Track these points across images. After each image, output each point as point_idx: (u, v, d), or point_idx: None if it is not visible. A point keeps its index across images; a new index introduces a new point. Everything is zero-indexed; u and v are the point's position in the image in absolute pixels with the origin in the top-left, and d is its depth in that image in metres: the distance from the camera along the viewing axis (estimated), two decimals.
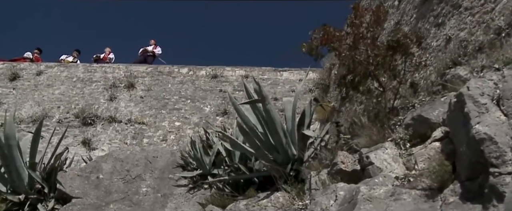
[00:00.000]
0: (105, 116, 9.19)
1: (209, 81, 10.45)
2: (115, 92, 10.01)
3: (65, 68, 11.26)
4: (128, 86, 10.19)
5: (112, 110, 9.43)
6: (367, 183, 3.35)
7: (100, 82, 10.53)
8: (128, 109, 9.53)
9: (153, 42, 13.23)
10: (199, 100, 9.75)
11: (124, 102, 9.74)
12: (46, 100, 10.05)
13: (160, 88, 10.21)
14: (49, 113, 9.54)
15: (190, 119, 9.18)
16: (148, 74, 10.73)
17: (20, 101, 10.16)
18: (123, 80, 10.41)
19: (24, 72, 11.28)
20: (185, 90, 10.11)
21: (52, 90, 10.38)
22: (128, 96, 9.94)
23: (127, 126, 9.00)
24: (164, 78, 10.58)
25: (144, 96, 9.90)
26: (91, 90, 10.27)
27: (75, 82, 10.63)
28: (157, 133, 8.79)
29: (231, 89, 10.14)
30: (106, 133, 8.87)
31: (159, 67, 10.99)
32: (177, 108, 9.54)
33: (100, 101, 9.85)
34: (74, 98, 10.02)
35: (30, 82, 10.84)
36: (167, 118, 9.21)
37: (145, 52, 12.82)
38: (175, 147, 8.26)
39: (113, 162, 6.52)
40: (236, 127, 6.95)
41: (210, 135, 7.15)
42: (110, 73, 10.85)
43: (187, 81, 10.46)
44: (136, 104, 9.67)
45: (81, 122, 9.08)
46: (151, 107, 9.59)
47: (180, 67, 10.99)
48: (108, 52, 13.22)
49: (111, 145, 8.56)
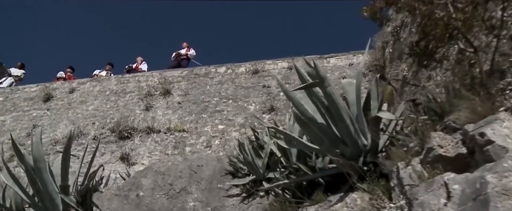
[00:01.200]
0: (142, 127, 8.59)
1: (250, 77, 9.68)
2: (150, 101, 9.41)
3: (97, 83, 10.81)
4: (163, 93, 9.58)
5: (149, 120, 8.83)
6: (493, 170, 2.41)
7: (134, 93, 9.98)
8: (166, 117, 8.90)
9: (186, 44, 12.67)
10: (241, 99, 8.98)
11: (161, 110, 9.12)
12: (80, 117, 9.59)
13: (198, 91, 9.53)
14: (84, 130, 9.06)
15: (234, 120, 8.42)
16: (183, 78, 10.08)
17: (54, 122, 9.76)
18: (158, 88, 9.81)
19: (57, 92, 10.93)
20: (225, 90, 9.38)
21: (86, 107, 9.92)
22: (165, 103, 9.32)
23: (166, 136, 8.35)
24: (201, 80, 9.90)
25: (182, 102, 9.25)
26: (126, 102, 9.73)
27: (108, 96, 10.13)
28: (200, 140, 8.09)
29: (275, 83, 9.31)
30: (145, 145, 8.25)
31: (194, 70, 10.34)
32: (218, 110, 8.81)
33: (135, 112, 9.28)
34: (108, 113, 9.50)
35: (64, 101, 10.46)
36: (209, 122, 8.50)
37: (178, 56, 12.27)
38: (221, 153, 7.52)
39: (154, 176, 5.83)
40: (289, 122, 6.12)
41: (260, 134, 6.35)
42: (143, 82, 10.30)
43: (226, 80, 9.73)
44: (174, 111, 9.02)
45: (117, 136, 8.52)
46: (191, 112, 8.91)
47: (217, 66, 10.30)
48: (140, 61, 12.77)
49: (152, 157, 7.93)
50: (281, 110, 8.48)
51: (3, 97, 11.59)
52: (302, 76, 4.52)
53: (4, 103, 11.27)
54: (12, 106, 11.05)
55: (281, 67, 9.88)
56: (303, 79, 4.50)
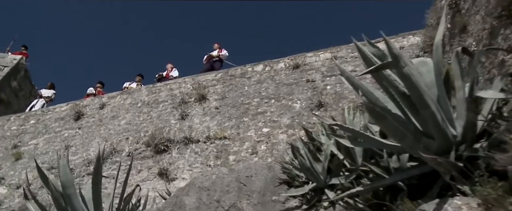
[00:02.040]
0: (179, 138, 7.97)
1: (291, 73, 8.91)
2: (185, 109, 8.79)
3: (128, 95, 10.30)
4: (199, 99, 8.94)
5: (185, 129, 8.19)
6: None
7: (167, 102, 9.38)
8: (204, 124, 8.23)
9: (217, 46, 12.05)
10: (285, 98, 8.22)
11: (198, 118, 8.47)
12: (113, 133, 9.07)
13: (236, 93, 8.83)
14: (118, 146, 8.51)
15: (279, 121, 7.67)
16: (218, 81, 9.41)
17: (87, 141, 9.28)
18: (192, 94, 9.18)
19: (87, 109, 10.51)
20: (266, 90, 8.64)
21: (118, 122, 9.40)
22: (201, 110, 8.66)
23: (206, 145, 7.68)
24: (238, 81, 9.20)
25: (219, 107, 8.57)
26: (159, 112, 9.14)
27: (140, 108, 9.58)
28: (243, 146, 7.37)
29: (319, 77, 8.50)
30: (184, 157, 7.61)
31: (229, 71, 9.66)
32: (260, 111, 8.08)
33: (170, 122, 8.66)
34: (141, 126, 8.94)
35: (95, 118, 9.99)
36: (251, 126, 7.77)
37: (210, 59, 11.65)
38: (270, 159, 6.77)
39: (197, 193, 5.14)
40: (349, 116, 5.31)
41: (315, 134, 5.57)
42: (176, 89, 9.70)
43: (266, 79, 8.99)
44: (212, 118, 8.35)
45: (153, 150, 7.92)
46: (230, 116, 8.21)
47: (254, 65, 9.58)
48: (170, 68, 12.25)
49: (192, 170, 7.27)
50: (331, 105, 7.67)
51: (35, 120, 11.29)
52: (367, 58, 3.71)
53: (36, 126, 10.95)
54: (44, 127, 10.70)
55: (324, 58, 9.06)
56: (369, 62, 3.70)
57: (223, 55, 11.68)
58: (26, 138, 10.68)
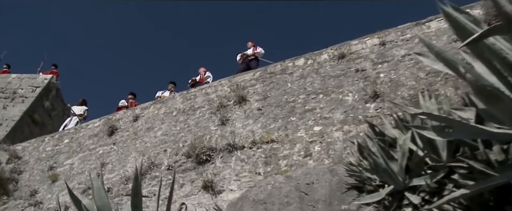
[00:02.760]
0: (221, 146, 7.36)
1: (336, 64, 8.18)
2: (225, 113, 8.18)
3: (161, 104, 9.79)
4: (238, 101, 8.32)
5: (228, 135, 7.57)
6: None
7: (204, 108, 8.81)
8: (247, 128, 7.59)
9: (251, 44, 11.45)
10: (334, 91, 7.49)
11: (240, 122, 7.84)
12: (150, 146, 8.55)
13: (279, 91, 8.16)
14: (156, 160, 7.98)
15: (331, 118, 6.94)
16: (258, 81, 8.77)
17: (123, 157, 8.81)
18: (231, 97, 8.57)
19: (120, 123, 10.06)
20: (311, 84, 7.94)
21: (153, 134, 8.89)
22: (243, 113, 8.03)
23: (253, 151, 7.03)
24: (279, 78, 8.53)
25: (262, 108, 7.92)
26: (196, 119, 8.56)
27: (176, 116, 9.04)
28: (294, 149, 6.68)
29: (369, 65, 7.73)
30: (229, 166, 6.98)
31: (268, 68, 9.01)
32: (309, 109, 7.38)
33: (210, 129, 8.07)
34: (179, 135, 8.38)
35: (129, 132, 9.52)
36: (301, 126, 7.08)
37: (245, 58, 11.02)
38: (327, 161, 6.06)
39: (252, 208, 4.51)
40: (425, 103, 4.57)
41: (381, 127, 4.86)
42: (212, 93, 9.11)
43: (309, 73, 8.29)
44: (256, 120, 7.70)
45: (195, 161, 7.33)
46: (275, 117, 7.54)
47: (294, 59, 8.90)
48: (203, 72, 11.72)
49: (240, 180, 6.63)
50: (388, 94, 6.89)
51: (69, 139, 10.95)
52: (461, 25, 2.95)
53: (70, 145, 10.60)
54: (78, 146, 10.33)
55: (371, 45, 8.28)
56: (463, 29, 2.94)
57: (259, 53, 11.06)
58: (61, 158, 10.33)
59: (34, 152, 11.35)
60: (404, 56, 7.67)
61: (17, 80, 16.52)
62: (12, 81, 16.40)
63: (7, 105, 15.12)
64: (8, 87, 16.07)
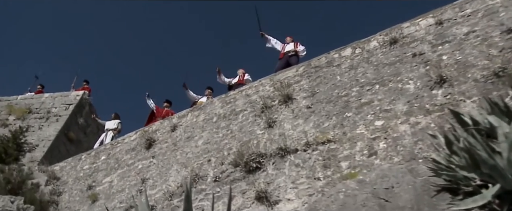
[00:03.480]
0: (272, 151, 6.73)
1: (389, 50, 7.45)
2: (270, 114, 7.56)
3: (199, 111, 9.26)
4: (284, 100, 7.69)
5: (277, 139, 6.95)
6: None
7: (246, 111, 8.21)
8: (297, 129, 6.95)
9: (290, 39, 10.79)
10: (391, 80, 6.78)
11: (289, 122, 7.20)
12: (192, 157, 8.02)
13: (328, 86, 7.49)
14: (200, 172, 7.42)
15: (393, 110, 6.22)
16: (302, 76, 8.12)
17: (164, 170, 8.30)
18: (275, 96, 7.96)
19: (158, 134, 9.58)
20: (363, 75, 7.24)
21: (194, 143, 8.35)
22: (290, 113, 7.39)
23: (308, 154, 6.37)
24: (326, 72, 7.85)
25: (311, 105, 7.26)
26: (240, 124, 7.98)
27: (216, 123, 8.47)
28: (356, 148, 5.99)
29: (428, 48, 6.97)
30: (283, 173, 6.33)
31: (312, 62, 8.35)
32: (365, 102, 6.68)
33: (256, 133, 7.46)
34: (223, 143, 7.81)
35: (168, 143, 9.03)
36: (359, 121, 6.38)
37: (285, 54, 10.37)
38: (396, 158, 5.33)
39: None
40: None
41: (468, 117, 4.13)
42: (254, 94, 8.51)
43: (359, 62, 7.59)
44: (306, 120, 7.04)
45: (244, 170, 6.73)
46: (328, 114, 6.86)
47: (340, 50, 8.20)
48: (242, 74, 11.11)
49: (298, 188, 5.97)
50: (456, 78, 6.12)
51: (106, 155, 10.56)
52: None
53: (108, 162, 10.20)
54: (116, 162, 9.91)
55: (425, 25, 7.50)
56: None
57: (299, 49, 10.41)
58: (99, 176, 9.94)
59: (72, 171, 11.03)
60: (468, 34, 6.86)
61: (50, 99, 16.39)
62: (45, 101, 16.28)
63: (42, 125, 14.95)
64: (42, 107, 15.95)
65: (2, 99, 16.75)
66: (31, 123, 15.13)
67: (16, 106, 16.12)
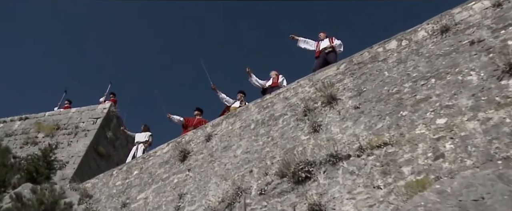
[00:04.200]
0: (321, 158, 6.22)
1: (441, 40, 6.86)
2: (314, 118, 7.06)
3: (234, 118, 8.81)
4: (328, 101, 7.18)
5: (325, 144, 6.44)
6: None
7: (286, 115, 7.72)
8: (347, 132, 6.41)
9: (323, 34, 10.23)
10: (449, 72, 6.19)
11: (336, 125, 6.68)
12: (231, 168, 7.57)
13: (375, 83, 6.94)
14: (242, 184, 6.97)
15: (456, 105, 5.63)
16: (345, 74, 7.59)
17: (202, 184, 7.87)
18: (317, 98, 7.45)
19: (192, 145, 9.16)
20: (415, 69, 6.67)
21: (232, 153, 7.89)
22: (337, 114, 6.86)
23: (362, 159, 5.82)
24: (371, 68, 7.31)
25: (360, 105, 6.72)
26: (281, 130, 7.48)
27: (255, 130, 8.00)
28: (417, 150, 5.42)
29: (488, 33, 6.36)
30: (337, 182, 5.80)
31: (353, 58, 7.81)
32: (421, 98, 6.10)
33: (300, 139, 6.96)
34: (264, 151, 7.32)
35: (203, 154, 8.59)
36: (417, 120, 5.81)
37: (321, 51, 9.82)
38: (469, 161, 4.74)
39: None
40: None
41: None
42: (293, 97, 8.01)
43: (408, 55, 7.02)
44: (356, 121, 6.50)
45: (291, 181, 6.23)
46: (380, 114, 6.31)
47: (383, 43, 7.66)
48: (275, 75, 10.60)
49: (356, 198, 5.43)
50: None
51: (138, 170, 10.19)
52: None
53: (141, 177, 9.82)
54: (149, 176, 9.52)
55: (481, 9, 6.87)
56: None
57: (337, 45, 9.83)
58: (133, 193, 9.56)
59: (104, 188, 10.70)
60: None
61: (78, 114, 16.24)
62: (73, 116, 16.14)
63: (71, 141, 14.78)
64: (70, 123, 15.80)
65: (30, 117, 16.69)
66: (60, 139, 14.99)
67: (44, 123, 16.00)
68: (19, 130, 16.06)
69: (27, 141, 15.22)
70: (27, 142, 15.15)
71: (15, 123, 16.65)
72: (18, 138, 15.67)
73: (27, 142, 15.13)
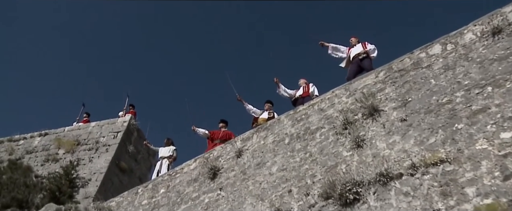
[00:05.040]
0: (369, 177, 5.80)
1: (493, 43, 6.41)
2: (356, 131, 6.62)
3: (266, 131, 8.42)
4: (369, 113, 6.76)
5: (370, 161, 6.00)
6: None
7: (324, 128, 7.31)
8: (395, 148, 5.97)
9: (355, 39, 9.76)
10: (507, 79, 5.75)
11: (382, 140, 6.24)
12: (267, 187, 7.19)
13: (421, 92, 6.50)
14: (282, 206, 6.55)
15: None
16: (385, 83, 7.16)
17: (236, 204, 7.52)
18: (356, 109, 7.02)
19: (221, 161, 8.80)
20: (466, 76, 6.21)
21: (267, 170, 7.51)
22: (381, 128, 6.43)
23: (417, 179, 5.38)
24: (415, 75, 6.86)
25: (406, 117, 6.28)
26: (320, 145, 7.07)
27: (290, 144, 7.61)
28: (481, 168, 4.97)
29: None
30: (391, 204, 5.37)
31: (393, 65, 7.36)
32: (478, 109, 5.64)
33: (342, 155, 6.54)
34: (303, 169, 6.93)
35: (235, 171, 8.23)
36: (477, 134, 5.36)
37: (355, 58, 9.36)
38: None
39: None
40: None
41: None
42: (329, 108, 7.61)
43: (456, 61, 6.57)
44: (404, 135, 6.06)
45: (339, 204, 5.82)
46: (432, 127, 5.87)
47: (425, 48, 7.24)
48: (305, 84, 10.17)
49: None
50: None
51: (165, 188, 9.90)
52: None
53: (168, 196, 9.48)
54: (177, 196, 9.18)
55: None
56: None
57: (370, 49, 9.35)
58: None
59: (130, 207, 10.39)
60: None
61: (97, 128, 16.03)
62: (92, 130, 15.94)
63: (92, 157, 14.55)
64: (90, 138, 15.60)
65: (50, 132, 16.56)
66: (81, 155, 14.79)
67: (64, 139, 15.84)
68: (40, 147, 15.92)
69: (48, 158, 15.06)
70: (48, 159, 15.00)
71: (35, 139, 16.53)
72: (38, 155, 15.53)
73: (48, 159, 14.98)
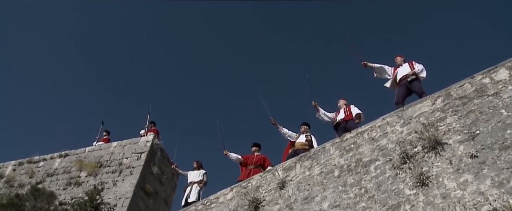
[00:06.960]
0: None
1: None
2: (418, 167, 6.22)
3: (310, 161, 8.07)
4: (431, 146, 6.38)
5: (440, 203, 5.63)
6: None
7: (379, 161, 6.93)
8: (468, 189, 5.57)
9: (401, 59, 9.29)
10: None
11: (450, 179, 5.85)
12: None
13: (491, 124, 6.11)
14: None
15: None
16: (444, 111, 6.79)
17: None
18: (414, 140, 6.63)
19: (262, 192, 8.50)
20: None
21: (318, 206, 7.18)
22: (447, 164, 6.04)
23: None
24: (480, 104, 6.47)
25: (477, 153, 5.89)
26: (375, 180, 6.73)
27: (340, 177, 7.24)
28: None
29: None
30: None
31: (451, 91, 6.97)
32: None
33: (405, 194, 6.17)
34: (360, 206, 6.57)
35: (279, 205, 7.94)
36: None
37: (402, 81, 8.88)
38: None
39: None
40: None
41: None
42: (381, 138, 7.24)
43: None
44: (477, 175, 5.66)
45: None
46: (510, 164, 5.43)
47: (489, 73, 6.81)
48: (345, 106, 9.73)
49: None
50: None
51: None
52: None
53: None
54: None
55: None
56: None
57: (419, 70, 8.84)
58: None
59: None
60: None
61: (119, 149, 15.79)
62: (114, 151, 15.69)
63: (116, 180, 14.28)
64: (112, 159, 15.35)
65: (70, 153, 16.35)
66: (104, 178, 14.54)
67: (85, 160, 15.61)
68: (61, 169, 15.71)
69: (70, 181, 14.82)
70: (70, 182, 14.75)
71: (55, 161, 16.33)
72: (60, 178, 15.31)
73: (70, 183, 14.73)
